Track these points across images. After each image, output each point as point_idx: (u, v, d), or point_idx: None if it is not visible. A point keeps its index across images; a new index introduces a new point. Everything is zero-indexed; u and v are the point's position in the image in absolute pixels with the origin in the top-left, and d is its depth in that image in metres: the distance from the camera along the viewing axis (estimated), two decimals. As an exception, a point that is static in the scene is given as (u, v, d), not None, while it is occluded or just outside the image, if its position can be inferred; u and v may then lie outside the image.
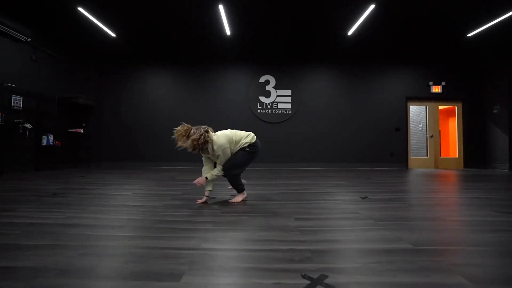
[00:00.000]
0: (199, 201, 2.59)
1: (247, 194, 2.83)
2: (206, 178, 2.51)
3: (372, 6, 5.11)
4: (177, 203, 2.55)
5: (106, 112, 7.69)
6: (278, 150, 7.39)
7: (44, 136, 5.84)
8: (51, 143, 5.92)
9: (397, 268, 1.18)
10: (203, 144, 2.39)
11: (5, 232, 1.65)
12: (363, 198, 2.90)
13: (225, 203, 2.60)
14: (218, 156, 2.48)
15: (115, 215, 2.07)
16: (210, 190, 2.58)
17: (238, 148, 2.57)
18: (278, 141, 7.41)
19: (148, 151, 7.56)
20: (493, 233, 1.71)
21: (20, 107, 5.35)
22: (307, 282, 1.05)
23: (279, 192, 3.26)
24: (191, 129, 2.40)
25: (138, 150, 7.57)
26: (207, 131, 2.42)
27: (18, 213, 2.10)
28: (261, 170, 6.30)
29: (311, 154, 7.49)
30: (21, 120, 5.15)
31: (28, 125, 5.25)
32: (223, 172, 2.52)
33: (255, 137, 2.69)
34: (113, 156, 7.60)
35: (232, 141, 2.53)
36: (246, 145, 2.58)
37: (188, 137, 2.36)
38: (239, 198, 2.68)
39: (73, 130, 6.68)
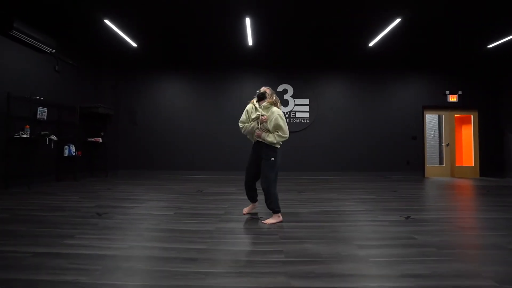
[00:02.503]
0: (246, 210, 3.04)
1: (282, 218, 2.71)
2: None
3: (398, 20, 5.12)
4: (229, 227, 2.55)
5: (123, 120, 7.70)
6: (296, 158, 7.40)
7: (66, 147, 5.84)
8: (73, 154, 5.93)
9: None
10: (273, 104, 2.76)
11: (85, 267, 1.65)
12: (406, 218, 2.91)
13: (272, 227, 2.60)
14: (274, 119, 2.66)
15: (177, 244, 2.07)
16: None
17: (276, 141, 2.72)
18: (297, 150, 7.41)
19: (164, 159, 7.56)
20: None
21: (44, 118, 5.36)
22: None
23: (319, 210, 3.26)
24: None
25: (154, 159, 7.57)
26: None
27: (81, 241, 2.11)
28: (282, 180, 6.29)
29: (329, 162, 7.49)
30: (47, 132, 5.16)
31: (53, 137, 5.26)
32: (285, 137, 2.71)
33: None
34: (129, 164, 7.61)
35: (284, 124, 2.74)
36: (278, 146, 2.74)
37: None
38: (273, 219, 2.63)
39: (92, 139, 6.68)
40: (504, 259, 1.83)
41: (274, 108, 2.73)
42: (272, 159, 2.67)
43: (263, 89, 2.80)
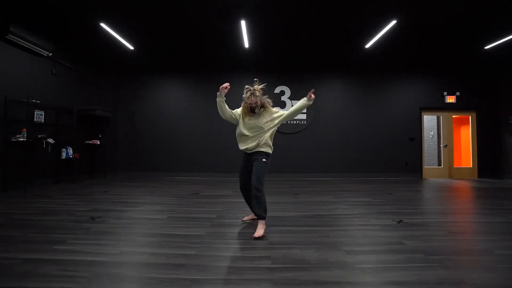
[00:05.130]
0: (246, 218, 2.92)
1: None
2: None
3: (393, 22, 5.13)
4: (221, 231, 2.57)
5: (121, 122, 7.73)
6: (293, 160, 7.42)
7: (63, 149, 5.88)
8: (70, 156, 5.96)
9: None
10: (261, 106, 2.68)
11: (72, 273, 1.67)
12: (398, 222, 2.92)
13: (270, 235, 2.62)
14: (276, 118, 2.69)
15: (168, 249, 2.09)
16: None
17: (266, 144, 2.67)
18: (294, 151, 7.44)
19: (162, 161, 7.60)
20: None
21: (42, 121, 5.39)
22: None
23: (313, 214, 3.28)
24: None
25: (152, 161, 7.61)
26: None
27: (72, 246, 2.13)
28: (278, 181, 6.31)
29: (326, 164, 7.51)
30: (44, 135, 5.19)
31: (50, 140, 5.29)
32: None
33: None
34: (128, 166, 7.64)
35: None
36: (269, 151, 2.69)
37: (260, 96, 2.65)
38: (262, 229, 2.43)
39: (90, 141, 6.71)
40: (492, 266, 1.84)
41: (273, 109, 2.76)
42: (264, 160, 2.60)
43: (254, 100, 2.64)
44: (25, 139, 4.81)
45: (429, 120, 8.33)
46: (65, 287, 1.50)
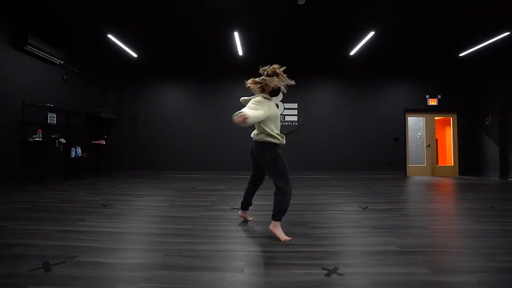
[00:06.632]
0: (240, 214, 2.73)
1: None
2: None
3: (371, 33, 5.69)
4: (212, 214, 3.11)
5: (125, 124, 8.29)
6: (286, 159, 7.94)
7: (73, 149, 6.42)
8: (79, 155, 6.51)
9: (386, 263, 1.74)
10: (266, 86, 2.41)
11: (97, 238, 2.21)
12: (364, 209, 3.45)
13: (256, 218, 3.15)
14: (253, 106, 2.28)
15: (170, 225, 2.63)
16: None
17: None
18: (286, 151, 7.94)
19: (164, 160, 8.15)
20: (463, 239, 2.27)
21: (54, 123, 5.94)
22: (326, 271, 1.61)
23: (295, 203, 3.80)
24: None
25: (154, 160, 8.16)
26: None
27: (92, 223, 2.67)
28: (268, 179, 6.83)
29: (316, 163, 8.05)
30: (57, 136, 5.74)
31: (62, 140, 5.84)
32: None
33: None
34: (131, 165, 8.19)
35: (270, 114, 2.36)
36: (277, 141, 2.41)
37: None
38: (280, 229, 2.26)
39: (96, 142, 7.26)
40: (422, 235, 2.37)
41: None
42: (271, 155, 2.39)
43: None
44: (41, 139, 5.36)
45: (417, 121, 8.85)
46: (93, 246, 2.04)
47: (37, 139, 5.32)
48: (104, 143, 7.38)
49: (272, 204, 2.36)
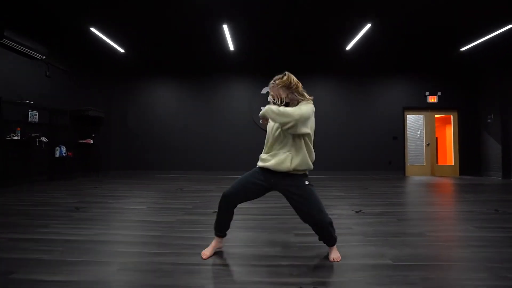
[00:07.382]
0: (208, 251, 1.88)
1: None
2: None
3: (368, 25, 5.41)
4: (190, 218, 2.84)
5: (114, 122, 8.02)
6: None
7: (57, 148, 6.16)
8: (64, 154, 6.24)
9: (376, 282, 1.48)
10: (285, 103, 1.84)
11: (48, 248, 1.95)
12: (357, 212, 3.19)
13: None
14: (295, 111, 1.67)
15: (138, 231, 2.37)
16: None
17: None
18: (280, 150, 7.69)
19: (154, 160, 7.88)
20: (465, 249, 2.00)
21: (36, 121, 5.67)
22: (303, 294, 1.34)
23: (282, 205, 3.54)
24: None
25: (144, 159, 7.89)
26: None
27: (53, 229, 2.40)
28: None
29: (314, 163, 7.76)
30: (37, 134, 5.47)
31: (44, 139, 5.57)
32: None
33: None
34: (121, 165, 7.92)
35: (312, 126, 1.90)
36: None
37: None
38: (337, 252, 1.85)
39: (83, 141, 6.99)
40: (408, 244, 2.10)
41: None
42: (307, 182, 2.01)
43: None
44: (19, 138, 5.09)
45: (416, 120, 8.57)
46: (41, 258, 1.78)
47: (15, 138, 5.06)
48: (92, 142, 7.11)
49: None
